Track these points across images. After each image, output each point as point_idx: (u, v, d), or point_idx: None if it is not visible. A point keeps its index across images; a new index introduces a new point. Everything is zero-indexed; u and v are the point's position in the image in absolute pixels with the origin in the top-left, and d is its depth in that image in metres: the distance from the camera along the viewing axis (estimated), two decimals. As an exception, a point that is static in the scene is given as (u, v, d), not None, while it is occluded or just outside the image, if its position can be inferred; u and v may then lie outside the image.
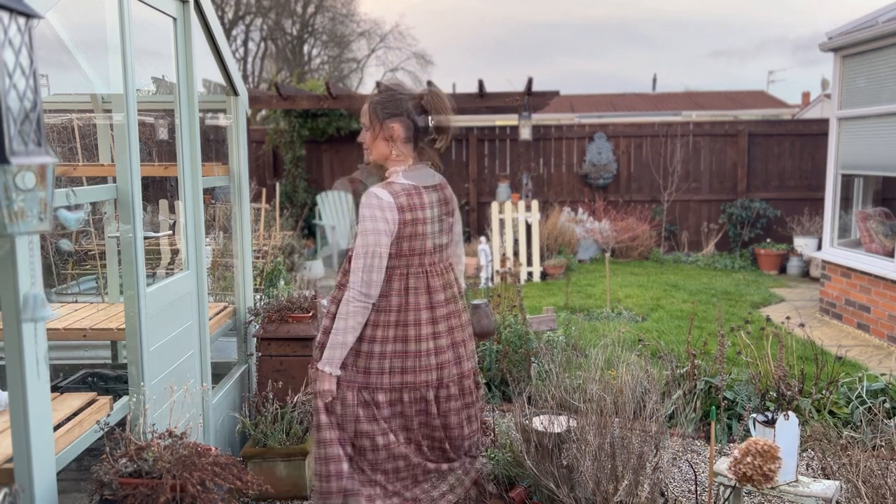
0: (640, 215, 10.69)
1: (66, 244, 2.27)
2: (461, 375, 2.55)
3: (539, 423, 3.02)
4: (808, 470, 3.20)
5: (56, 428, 2.18)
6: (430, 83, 9.46)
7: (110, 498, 2.08)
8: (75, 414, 2.34)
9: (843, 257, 6.61)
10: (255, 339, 3.69)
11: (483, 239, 9.09)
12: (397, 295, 2.39)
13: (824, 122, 10.28)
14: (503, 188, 10.21)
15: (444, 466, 2.59)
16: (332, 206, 10.62)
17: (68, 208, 2.29)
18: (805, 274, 9.24)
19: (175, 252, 3.45)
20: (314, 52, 28.33)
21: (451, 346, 2.50)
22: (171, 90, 3.12)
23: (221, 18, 24.16)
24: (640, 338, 4.55)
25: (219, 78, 3.77)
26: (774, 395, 3.77)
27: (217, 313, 3.68)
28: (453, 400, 2.53)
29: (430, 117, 2.54)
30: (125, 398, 2.63)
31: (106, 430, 2.39)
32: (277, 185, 9.15)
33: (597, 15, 64.53)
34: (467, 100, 9.68)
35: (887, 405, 3.80)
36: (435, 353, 2.45)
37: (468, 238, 10.61)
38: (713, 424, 2.59)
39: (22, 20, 1.34)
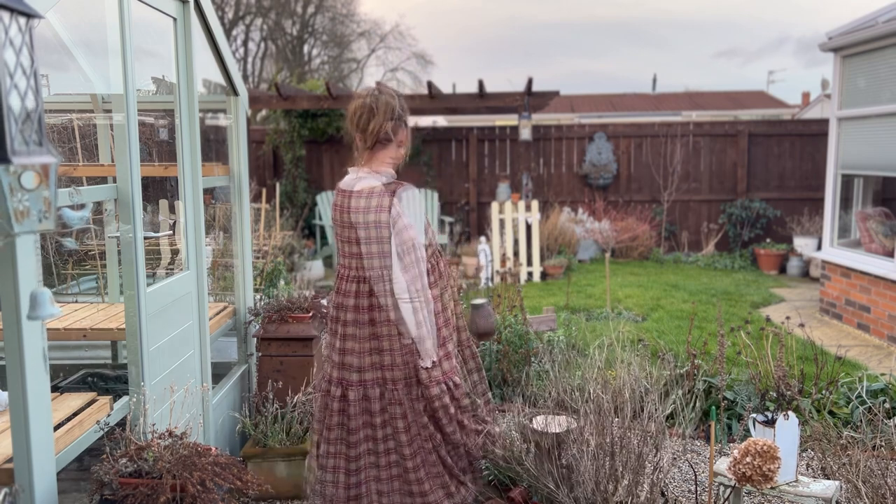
0: (640, 215, 10.70)
1: (70, 243, 2.27)
2: (364, 384, 2.62)
3: (538, 423, 3.02)
4: (808, 470, 3.20)
5: (56, 428, 2.19)
6: (429, 83, 9.45)
7: (110, 498, 2.09)
8: (75, 414, 2.35)
9: (843, 257, 6.61)
10: (255, 339, 3.69)
11: (483, 239, 9.09)
12: None
13: (824, 123, 10.28)
14: (503, 188, 10.21)
15: None
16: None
17: (72, 207, 2.29)
18: (805, 274, 9.24)
19: (175, 252, 3.45)
20: (314, 52, 28.32)
21: (350, 352, 2.62)
22: (171, 90, 3.12)
23: (221, 18, 24.16)
24: (641, 338, 4.55)
25: (219, 78, 3.77)
26: (774, 395, 3.77)
27: (217, 313, 3.68)
28: (364, 411, 2.62)
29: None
30: (125, 398, 2.63)
31: (106, 430, 2.39)
32: (277, 185, 9.15)
33: (598, 15, 64.53)
34: (467, 100, 9.68)
35: (887, 405, 3.80)
36: (331, 347, 2.70)
37: (468, 238, 10.61)
38: (713, 424, 2.59)
39: (22, 20, 1.34)
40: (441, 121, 16.37)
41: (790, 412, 2.76)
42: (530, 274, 8.91)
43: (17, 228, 1.30)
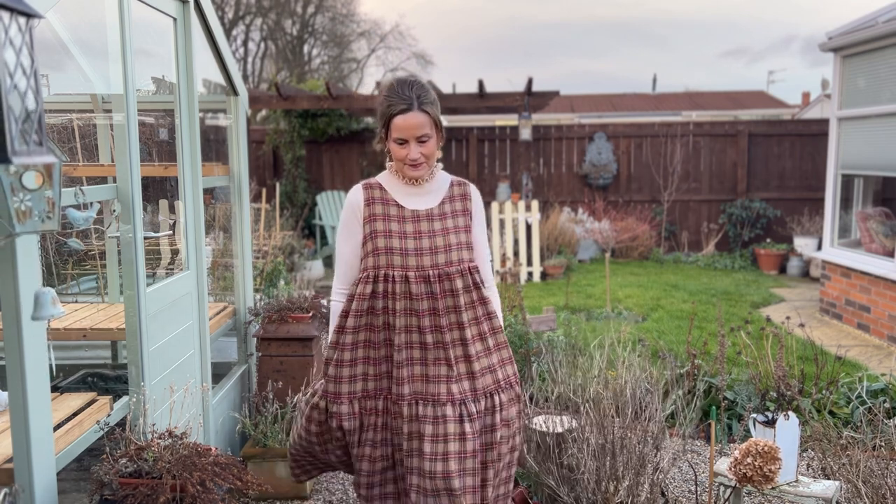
0: (640, 215, 10.69)
1: (75, 243, 2.26)
2: None
3: (540, 422, 3.02)
4: (808, 470, 3.20)
5: (56, 428, 2.18)
6: (429, 83, 9.44)
7: (110, 498, 2.08)
8: (75, 414, 2.34)
9: (844, 257, 6.61)
10: (255, 339, 3.69)
11: (483, 239, 9.08)
12: None
13: (824, 122, 10.28)
14: (503, 188, 10.21)
15: None
16: (332, 205, 10.62)
17: (77, 207, 2.29)
18: (805, 274, 9.24)
19: (175, 252, 3.45)
20: (314, 52, 28.32)
21: None
22: (171, 90, 3.12)
23: (221, 18, 24.16)
24: (641, 338, 4.55)
25: (219, 78, 3.77)
26: (774, 395, 3.77)
27: (217, 313, 3.68)
28: None
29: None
30: (125, 398, 2.63)
31: (106, 430, 2.39)
32: (277, 185, 9.15)
33: (599, 15, 64.55)
34: (467, 100, 9.68)
35: (887, 405, 3.80)
36: None
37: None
38: (713, 424, 2.59)
39: (22, 20, 1.34)
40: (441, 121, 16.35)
41: (790, 412, 2.75)
42: (530, 274, 8.91)
43: (18, 228, 1.30)
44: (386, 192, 2.30)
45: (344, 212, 2.32)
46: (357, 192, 2.30)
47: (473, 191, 2.40)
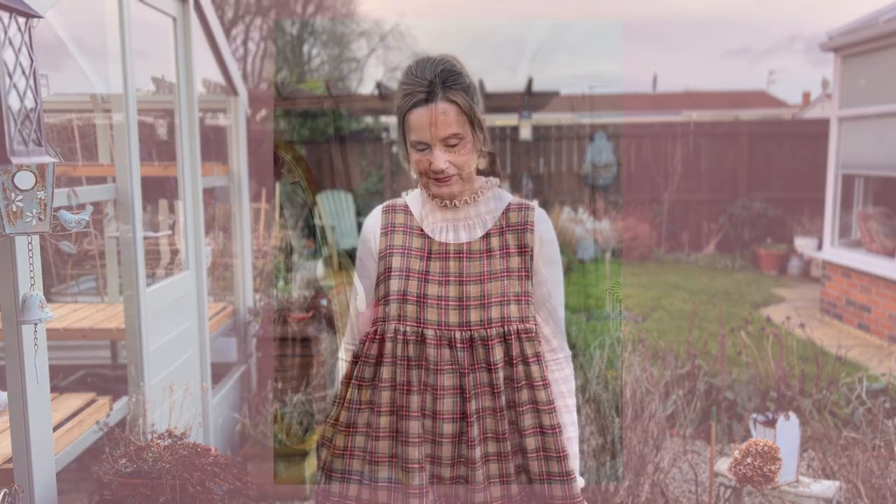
0: (640, 215, 10.69)
1: (67, 246, 2.25)
2: None
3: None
4: (808, 470, 3.19)
5: (56, 428, 2.18)
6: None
7: (110, 498, 2.08)
8: (75, 414, 2.34)
9: (844, 257, 6.60)
10: (255, 339, 3.69)
11: (483, 239, 9.07)
12: None
13: (824, 122, 10.27)
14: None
15: None
16: (332, 205, 10.62)
17: (69, 209, 2.28)
18: (805, 274, 9.23)
19: (175, 252, 3.45)
20: (314, 51, 28.32)
21: None
22: (171, 90, 3.12)
23: (221, 18, 24.15)
24: (641, 338, 4.54)
25: (219, 78, 3.76)
26: (775, 395, 3.77)
27: (217, 313, 3.68)
28: None
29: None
30: (125, 398, 2.63)
31: (105, 430, 2.38)
32: (277, 184, 9.14)
33: (601, 14, 64.53)
34: (467, 100, 9.67)
35: (887, 405, 3.80)
36: None
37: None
38: (713, 425, 2.59)
39: (22, 20, 1.34)
40: (441, 121, 16.35)
41: (791, 412, 2.75)
42: (530, 274, 8.90)
43: (9, 229, 1.30)
44: (411, 218, 1.63)
45: (359, 243, 1.69)
46: (374, 218, 1.66)
47: (539, 218, 1.67)
